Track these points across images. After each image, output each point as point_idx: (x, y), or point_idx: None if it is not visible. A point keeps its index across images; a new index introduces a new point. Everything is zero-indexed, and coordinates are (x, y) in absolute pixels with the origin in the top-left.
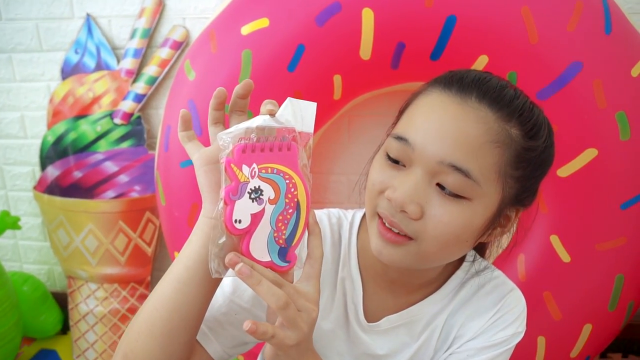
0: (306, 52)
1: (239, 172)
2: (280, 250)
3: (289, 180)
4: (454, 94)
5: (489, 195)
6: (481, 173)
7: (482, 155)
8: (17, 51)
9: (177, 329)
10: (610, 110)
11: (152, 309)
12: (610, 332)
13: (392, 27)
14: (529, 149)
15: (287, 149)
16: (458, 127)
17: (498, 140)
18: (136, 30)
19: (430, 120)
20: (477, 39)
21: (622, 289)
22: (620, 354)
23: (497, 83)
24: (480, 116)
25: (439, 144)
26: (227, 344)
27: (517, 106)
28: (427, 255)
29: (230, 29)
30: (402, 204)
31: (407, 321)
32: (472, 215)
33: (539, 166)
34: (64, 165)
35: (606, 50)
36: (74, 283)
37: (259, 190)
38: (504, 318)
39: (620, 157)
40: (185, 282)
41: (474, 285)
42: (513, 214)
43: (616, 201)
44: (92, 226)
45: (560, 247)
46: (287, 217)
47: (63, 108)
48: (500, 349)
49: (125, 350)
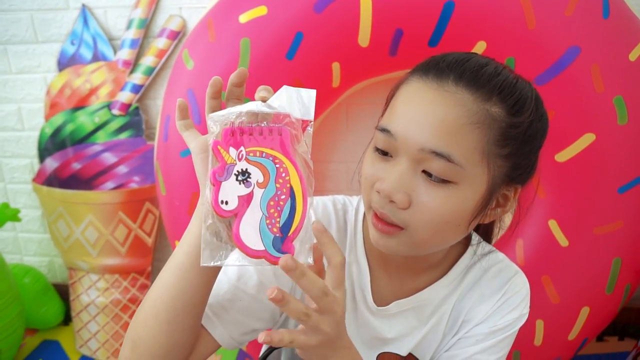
0: (304, 39)
1: (226, 154)
2: (275, 239)
3: (279, 165)
4: (431, 80)
5: (475, 177)
6: (464, 156)
7: (462, 139)
8: (12, 43)
9: (182, 314)
10: (608, 95)
11: (156, 296)
12: (607, 315)
13: (390, 14)
14: (513, 125)
15: (278, 134)
16: (435, 113)
17: (477, 122)
18: (132, 21)
19: (409, 109)
20: (475, 25)
21: (619, 272)
22: (616, 337)
23: (477, 62)
24: (457, 99)
25: (418, 131)
26: (234, 330)
27: (497, 83)
28: (420, 243)
29: (228, 18)
30: (389, 194)
31: (416, 305)
32: (461, 199)
33: (527, 142)
34: (63, 157)
35: (604, 35)
36: (75, 274)
37: (247, 172)
38: (509, 301)
39: (618, 141)
40: (187, 268)
41: (479, 269)
42: (511, 192)
43: (613, 185)
44: (92, 217)
45: (558, 231)
46: (280, 203)
47: (60, 100)
48: (507, 332)
49: (133, 337)
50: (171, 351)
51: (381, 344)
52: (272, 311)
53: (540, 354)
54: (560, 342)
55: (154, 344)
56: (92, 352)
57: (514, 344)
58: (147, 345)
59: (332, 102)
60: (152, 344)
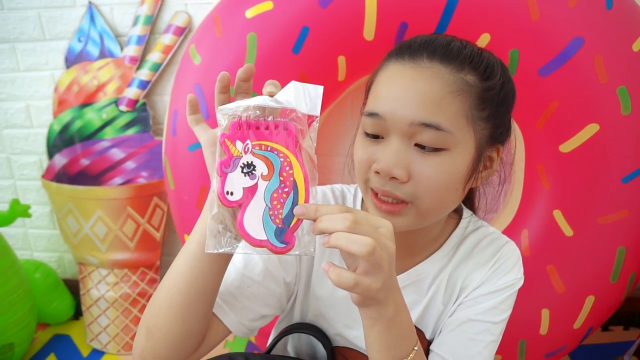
0: (310, 33)
1: (232, 147)
2: (277, 230)
3: (283, 159)
4: (406, 61)
5: (464, 141)
6: (450, 123)
7: (446, 107)
8: (20, 41)
9: (195, 302)
10: (612, 85)
11: (170, 284)
12: (612, 304)
13: (394, 8)
14: (487, 88)
15: (284, 129)
16: (418, 88)
17: (457, 90)
18: (139, 17)
19: (392, 89)
20: (479, 17)
21: (623, 261)
22: (621, 326)
23: (444, 40)
24: (434, 72)
25: (405, 108)
26: (243, 317)
27: (466, 55)
28: (426, 212)
29: (234, 13)
30: (389, 170)
31: (414, 280)
32: (455, 163)
33: (502, 102)
34: (71, 153)
35: (607, 26)
36: (84, 269)
37: (252, 165)
38: (503, 266)
39: (622, 131)
40: (199, 257)
41: (472, 241)
42: (494, 153)
43: (618, 175)
44: (100, 213)
45: (563, 221)
46: (283, 195)
47: (68, 96)
48: (505, 293)
49: (148, 325)
50: (185, 338)
51: None
52: (279, 297)
53: (545, 342)
54: (566, 331)
55: (168, 331)
56: (102, 345)
57: (520, 332)
58: (162, 332)
59: (337, 96)
60: (167, 331)
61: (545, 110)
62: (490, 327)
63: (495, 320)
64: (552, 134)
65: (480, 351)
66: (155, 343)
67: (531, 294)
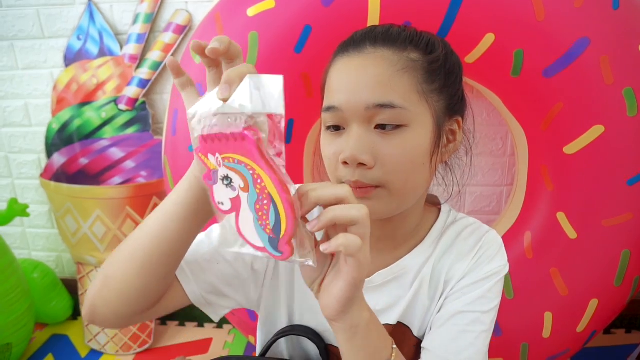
0: (313, 33)
1: (207, 161)
2: (270, 239)
3: (252, 171)
4: (352, 52)
5: (421, 115)
6: (403, 99)
7: (396, 85)
8: (19, 38)
9: (157, 262)
10: (618, 87)
11: (137, 238)
12: (616, 307)
13: (398, 7)
14: (432, 61)
15: (242, 139)
16: (366, 73)
17: (403, 67)
18: (138, 15)
19: (343, 81)
20: (484, 17)
21: (628, 264)
22: (623, 329)
23: (383, 28)
24: (378, 56)
25: (358, 94)
26: (205, 289)
27: (406, 37)
28: (399, 193)
29: (236, 11)
30: (355, 157)
31: (398, 275)
32: (416, 138)
33: (450, 73)
34: (70, 152)
35: (613, 26)
36: (83, 269)
37: (229, 178)
38: (486, 255)
39: (627, 133)
40: (172, 218)
41: (453, 233)
42: (455, 126)
43: (623, 177)
44: (99, 212)
45: (566, 223)
46: (265, 207)
47: (67, 95)
48: (492, 280)
49: (106, 272)
50: (140, 295)
51: None
52: (244, 281)
53: (548, 346)
54: (569, 335)
55: (124, 283)
56: (100, 346)
57: (522, 336)
58: (118, 284)
59: None
60: (123, 284)
61: (549, 111)
62: (481, 317)
63: (484, 309)
64: (556, 136)
65: (473, 342)
66: (108, 292)
67: (534, 297)
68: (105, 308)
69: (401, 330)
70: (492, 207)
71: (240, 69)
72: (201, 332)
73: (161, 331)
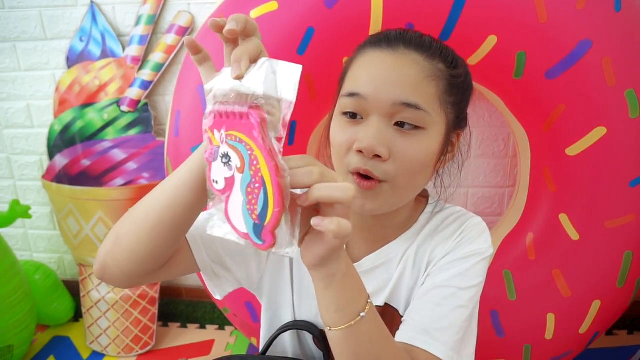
0: (315, 34)
1: (213, 137)
2: (255, 226)
3: (250, 152)
4: (385, 48)
5: (438, 122)
6: (427, 104)
7: (423, 89)
8: (21, 40)
9: (168, 225)
10: (620, 88)
11: (149, 201)
12: (618, 308)
13: (401, 8)
14: (455, 76)
15: (247, 118)
16: (398, 71)
17: (431, 75)
18: (141, 17)
19: (373, 72)
20: (486, 19)
21: (630, 265)
22: (625, 330)
23: (415, 34)
24: (412, 59)
25: (387, 89)
26: (213, 258)
27: (437, 48)
28: (401, 190)
29: (239, 13)
30: (373, 148)
31: (384, 260)
32: (430, 142)
33: (465, 90)
34: (72, 153)
35: (616, 28)
36: (85, 271)
37: (228, 156)
38: (468, 236)
39: (630, 134)
40: (185, 184)
41: (438, 219)
42: (455, 138)
43: (625, 179)
44: (101, 214)
45: (569, 225)
46: (256, 191)
47: (69, 96)
48: (472, 260)
49: (118, 232)
50: (149, 256)
51: None
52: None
53: (551, 347)
54: (572, 336)
55: (135, 244)
56: (102, 347)
57: (525, 337)
58: (129, 243)
59: None
60: (134, 243)
61: (552, 113)
62: (457, 292)
63: (462, 286)
64: (558, 137)
65: (447, 314)
66: (120, 251)
67: (537, 299)
68: (116, 266)
69: (389, 312)
70: (494, 209)
71: (246, 46)
72: (203, 334)
73: (163, 333)
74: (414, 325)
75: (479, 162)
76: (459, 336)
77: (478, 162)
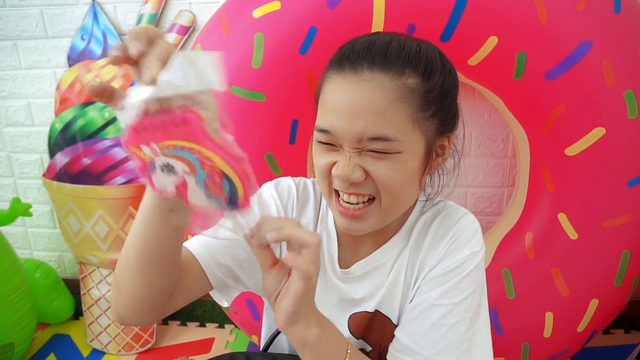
0: (318, 34)
1: (141, 152)
2: (228, 203)
3: (198, 154)
4: (347, 73)
5: (413, 142)
6: (397, 130)
7: (391, 116)
8: (22, 38)
9: (152, 261)
10: (619, 89)
11: (129, 243)
12: (616, 307)
13: (402, 9)
14: (429, 90)
15: (183, 124)
16: (361, 103)
17: (399, 98)
18: (142, 16)
19: (337, 107)
20: (487, 20)
21: (628, 264)
22: (622, 329)
23: (382, 43)
24: (375, 84)
25: (352, 124)
26: (224, 272)
27: (405, 57)
28: (388, 209)
29: (241, 12)
30: (347, 177)
31: (376, 265)
32: (406, 163)
33: (445, 97)
34: (73, 152)
35: (615, 29)
36: (85, 269)
37: (169, 166)
38: (459, 240)
39: (628, 135)
40: (151, 219)
41: (429, 217)
42: (446, 142)
43: (623, 179)
44: (102, 212)
45: (567, 224)
46: (217, 182)
47: (70, 95)
48: (464, 271)
49: (117, 280)
50: (152, 291)
51: (351, 306)
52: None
53: (549, 345)
54: (570, 334)
55: (132, 287)
56: (102, 345)
57: (523, 335)
58: (128, 288)
59: None
60: (131, 287)
61: (551, 113)
62: (453, 309)
63: (455, 301)
64: (558, 137)
65: (444, 334)
66: (124, 297)
67: (535, 297)
68: (129, 312)
69: (381, 320)
70: (493, 208)
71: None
72: (203, 332)
73: (163, 331)
74: (412, 349)
75: (478, 162)
76: (462, 349)
77: (477, 162)
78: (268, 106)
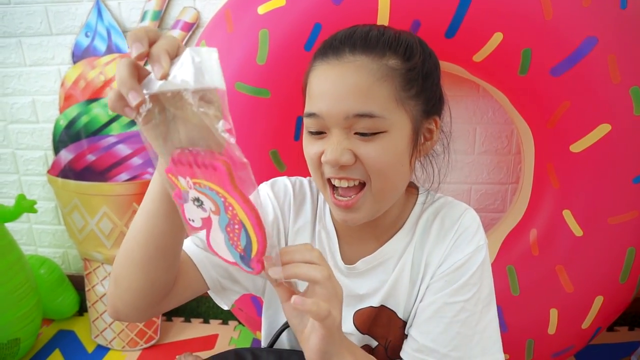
0: (323, 30)
1: (178, 182)
2: (242, 257)
3: (223, 199)
4: (331, 59)
5: (398, 121)
6: (382, 108)
7: (375, 94)
8: (27, 35)
9: (154, 256)
10: (625, 85)
11: (130, 238)
12: (620, 304)
13: (407, 5)
14: (410, 69)
15: (213, 169)
16: (346, 83)
17: (382, 76)
18: (146, 13)
19: (323, 89)
20: (492, 16)
21: (633, 261)
22: (626, 327)
23: (362, 31)
24: (358, 65)
25: (338, 103)
26: (221, 274)
27: (385, 41)
28: (379, 193)
29: (246, 9)
30: (337, 160)
31: (381, 261)
32: (394, 142)
33: (427, 78)
34: (77, 148)
35: (621, 25)
36: (89, 265)
37: (200, 200)
38: (462, 237)
39: (634, 132)
40: (153, 214)
41: (431, 214)
42: (432, 125)
43: (628, 175)
44: (106, 209)
45: (572, 221)
46: (236, 230)
47: (75, 92)
48: (472, 266)
49: (115, 275)
50: (150, 287)
51: (356, 301)
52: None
53: (553, 342)
54: (574, 331)
55: (132, 281)
56: (107, 341)
57: (528, 332)
58: (127, 283)
59: None
60: (131, 282)
61: (556, 109)
62: (465, 305)
63: (466, 297)
64: (563, 134)
65: (459, 330)
66: (121, 291)
67: (540, 294)
68: (124, 306)
69: (387, 314)
70: (497, 205)
71: (160, 43)
72: (207, 329)
73: (167, 327)
74: (430, 347)
75: (482, 158)
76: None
77: (481, 159)
78: (273, 103)
